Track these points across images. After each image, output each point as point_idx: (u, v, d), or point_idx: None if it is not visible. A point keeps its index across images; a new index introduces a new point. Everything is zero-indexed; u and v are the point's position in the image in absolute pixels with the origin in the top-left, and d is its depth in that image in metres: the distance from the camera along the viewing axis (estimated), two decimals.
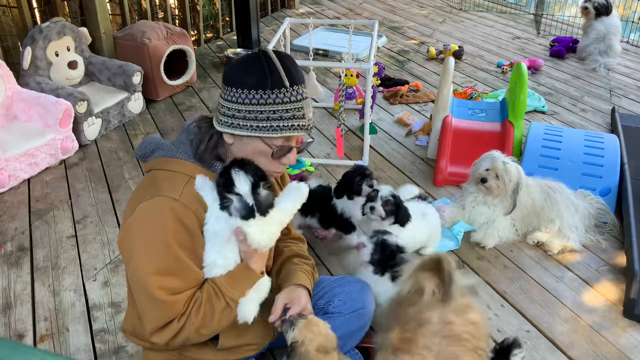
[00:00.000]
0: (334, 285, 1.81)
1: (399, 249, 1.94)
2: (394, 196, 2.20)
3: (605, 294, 2.35)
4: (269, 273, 1.60)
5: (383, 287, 1.89)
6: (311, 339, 1.34)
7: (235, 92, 1.30)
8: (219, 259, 1.37)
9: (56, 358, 0.94)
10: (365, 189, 2.37)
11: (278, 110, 1.30)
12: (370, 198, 2.22)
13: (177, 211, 1.30)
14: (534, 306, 2.28)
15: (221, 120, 1.34)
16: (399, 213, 2.20)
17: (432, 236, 2.46)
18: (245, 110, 1.30)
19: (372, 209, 2.18)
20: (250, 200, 1.27)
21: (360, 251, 2.16)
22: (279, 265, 1.70)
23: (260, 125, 1.31)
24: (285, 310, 1.49)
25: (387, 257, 1.91)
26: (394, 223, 2.20)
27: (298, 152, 1.48)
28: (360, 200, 2.37)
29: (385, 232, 2.02)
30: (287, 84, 1.30)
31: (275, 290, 1.61)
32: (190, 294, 1.36)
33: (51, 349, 2.05)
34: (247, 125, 1.31)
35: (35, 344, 2.07)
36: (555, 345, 2.08)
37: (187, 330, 1.35)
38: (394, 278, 1.84)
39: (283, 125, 1.32)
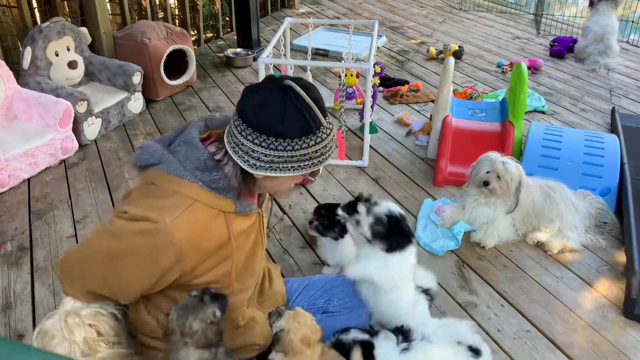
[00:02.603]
0: (332, 284, 1.82)
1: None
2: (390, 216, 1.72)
3: (605, 293, 2.35)
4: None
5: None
6: (297, 329, 1.38)
7: (275, 141, 1.24)
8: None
9: (56, 358, 0.93)
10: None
11: (320, 149, 1.29)
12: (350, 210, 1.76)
13: (160, 232, 1.23)
14: (534, 306, 2.28)
15: (253, 164, 1.27)
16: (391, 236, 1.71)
17: None
18: (288, 156, 1.26)
19: (357, 222, 1.74)
20: None
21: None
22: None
23: (302, 164, 1.28)
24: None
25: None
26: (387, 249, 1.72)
27: None
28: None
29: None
30: (324, 121, 1.28)
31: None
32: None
33: None
34: (287, 167, 1.28)
35: None
36: (555, 345, 2.09)
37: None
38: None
39: (323, 159, 1.32)
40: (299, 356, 1.36)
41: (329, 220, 2.23)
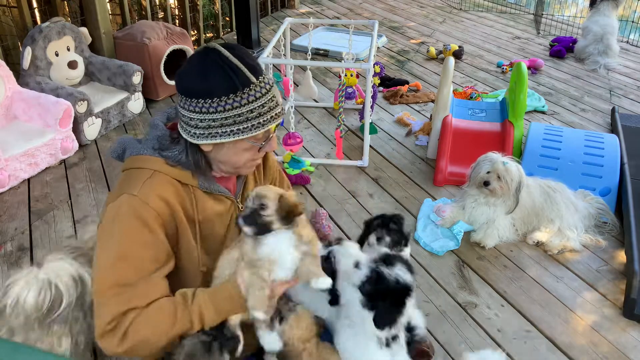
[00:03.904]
0: None
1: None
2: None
3: (605, 294, 2.35)
4: None
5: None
6: (300, 335, 1.42)
7: (205, 103, 1.24)
8: None
9: (56, 358, 0.94)
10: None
11: (255, 108, 1.26)
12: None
13: (135, 207, 1.27)
14: (534, 306, 2.28)
15: (195, 133, 1.29)
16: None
17: None
18: (222, 118, 1.25)
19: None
20: None
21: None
22: None
23: (241, 127, 1.27)
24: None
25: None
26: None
27: None
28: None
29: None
30: (253, 79, 1.26)
31: None
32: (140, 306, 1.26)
33: None
34: (227, 132, 1.27)
35: None
36: (555, 345, 2.09)
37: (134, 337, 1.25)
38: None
39: (263, 121, 1.29)
40: (302, 354, 1.42)
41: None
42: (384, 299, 1.36)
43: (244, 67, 1.25)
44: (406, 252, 1.79)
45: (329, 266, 1.49)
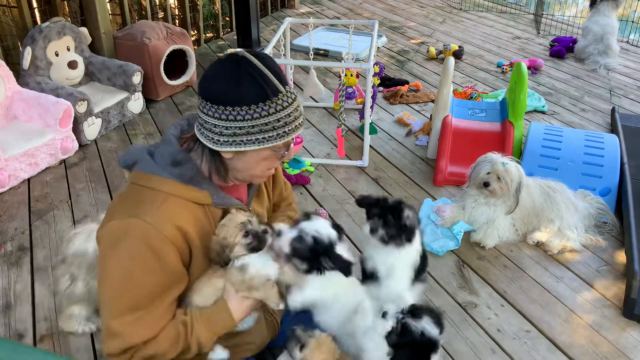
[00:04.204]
0: None
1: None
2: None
3: (605, 294, 2.35)
4: None
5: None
6: (323, 359, 1.41)
7: (232, 111, 1.23)
8: None
9: (56, 358, 0.94)
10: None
11: (282, 117, 1.27)
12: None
13: (147, 234, 1.24)
14: (534, 306, 2.28)
15: (218, 140, 1.27)
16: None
17: None
18: (249, 126, 1.25)
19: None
20: None
21: None
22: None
23: (267, 136, 1.27)
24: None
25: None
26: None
27: None
28: None
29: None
30: (282, 88, 1.26)
31: None
32: (150, 335, 1.29)
33: (51, 349, 2.05)
34: (252, 140, 1.26)
35: (35, 343, 2.07)
36: (555, 345, 2.09)
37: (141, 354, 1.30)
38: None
39: (288, 130, 1.29)
40: None
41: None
42: (408, 351, 1.40)
43: (273, 76, 1.25)
44: (411, 249, 1.62)
45: (303, 246, 1.41)
